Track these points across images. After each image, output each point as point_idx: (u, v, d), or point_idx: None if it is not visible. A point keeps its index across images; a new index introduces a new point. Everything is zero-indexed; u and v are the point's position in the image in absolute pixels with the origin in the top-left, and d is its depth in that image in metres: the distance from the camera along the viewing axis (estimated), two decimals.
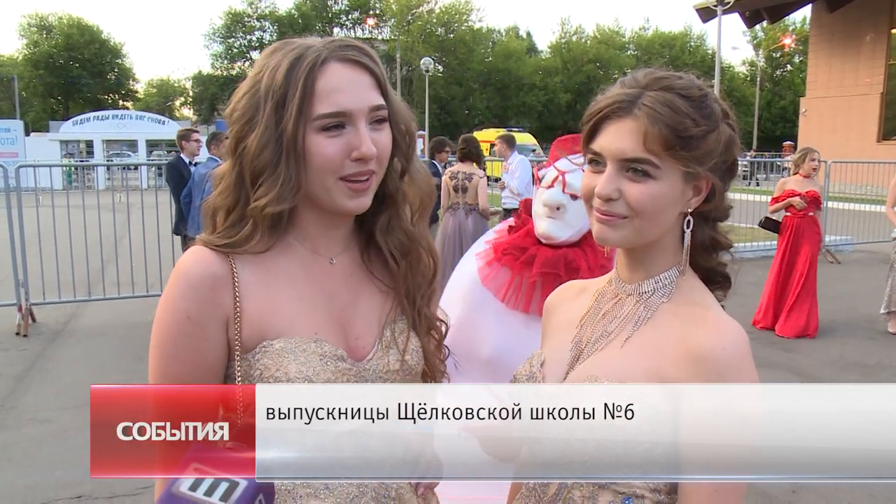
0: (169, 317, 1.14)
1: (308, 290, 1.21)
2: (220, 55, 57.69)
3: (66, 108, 54.39)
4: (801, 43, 52.14)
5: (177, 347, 1.14)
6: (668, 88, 1.12)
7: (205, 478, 0.84)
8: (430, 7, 58.05)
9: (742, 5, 24.27)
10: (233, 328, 1.15)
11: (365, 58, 1.17)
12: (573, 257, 2.05)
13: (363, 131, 1.13)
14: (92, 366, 6.10)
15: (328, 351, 1.16)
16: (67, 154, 29.80)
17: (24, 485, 3.96)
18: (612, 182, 1.13)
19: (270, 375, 1.12)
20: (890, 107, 24.44)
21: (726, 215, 1.23)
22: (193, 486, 0.83)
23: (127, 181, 11.08)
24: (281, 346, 1.14)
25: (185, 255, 1.18)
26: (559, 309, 1.38)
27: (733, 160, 1.18)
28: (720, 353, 1.09)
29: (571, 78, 59.04)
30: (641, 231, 1.15)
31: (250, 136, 1.15)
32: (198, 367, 1.14)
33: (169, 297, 1.15)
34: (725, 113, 1.17)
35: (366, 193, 1.17)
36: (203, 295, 1.13)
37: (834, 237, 12.39)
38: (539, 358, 1.30)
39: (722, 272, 1.25)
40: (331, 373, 1.15)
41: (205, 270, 1.14)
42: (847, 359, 6.31)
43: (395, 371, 1.23)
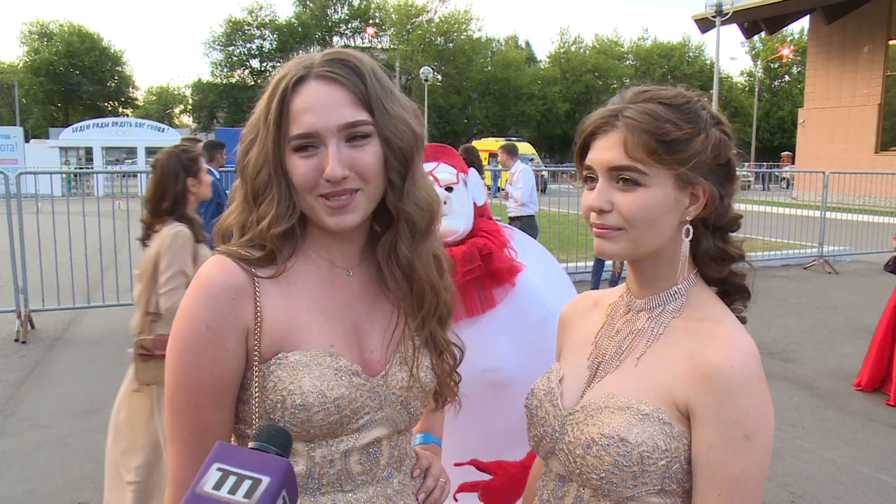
0: (189, 326, 1.12)
1: (325, 301, 1.20)
2: (220, 63, 57.71)
3: (65, 114, 54.38)
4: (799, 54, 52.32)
5: (196, 357, 1.11)
6: (649, 99, 1.15)
7: (228, 476, 0.84)
8: (429, 16, 58.18)
9: (740, 16, 24.37)
10: (252, 339, 1.13)
11: (344, 73, 1.14)
12: (481, 244, 2.02)
13: (331, 151, 1.11)
14: (91, 372, 6.10)
15: (343, 365, 1.16)
16: (66, 161, 29.80)
17: (24, 491, 3.95)
18: (603, 194, 1.15)
19: (284, 388, 1.11)
20: (888, 117, 24.51)
21: (735, 224, 1.22)
22: (217, 485, 0.83)
23: (126, 188, 11.06)
24: (296, 358, 1.13)
25: (207, 264, 1.16)
26: (575, 324, 1.38)
27: (728, 164, 1.18)
28: (727, 371, 1.08)
29: (570, 87, 59.15)
30: (638, 241, 1.15)
31: (250, 154, 1.17)
32: (215, 377, 1.12)
33: (189, 307, 1.13)
34: (716, 118, 1.18)
35: (347, 211, 1.14)
36: (225, 305, 1.12)
37: (832, 247, 12.41)
38: (558, 373, 1.30)
39: (737, 284, 1.23)
40: (345, 387, 1.14)
41: (227, 281, 1.13)
42: (845, 369, 6.32)
43: (406, 388, 1.22)
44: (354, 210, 1.15)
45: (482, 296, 2.05)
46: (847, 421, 5.15)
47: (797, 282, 10.67)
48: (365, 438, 1.18)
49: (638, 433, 1.11)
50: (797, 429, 4.97)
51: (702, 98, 1.19)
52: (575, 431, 1.18)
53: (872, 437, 4.85)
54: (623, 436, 1.11)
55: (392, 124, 1.16)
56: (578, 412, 1.19)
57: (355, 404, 1.15)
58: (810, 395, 5.68)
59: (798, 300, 9.35)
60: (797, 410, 5.33)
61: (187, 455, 1.15)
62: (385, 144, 1.16)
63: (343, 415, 1.14)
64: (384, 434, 1.21)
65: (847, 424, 5.09)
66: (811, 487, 4.10)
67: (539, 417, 1.26)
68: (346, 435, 1.17)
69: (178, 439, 1.15)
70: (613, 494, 1.13)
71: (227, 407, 1.15)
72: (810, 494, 4.01)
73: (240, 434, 1.20)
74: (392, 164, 1.17)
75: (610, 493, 1.14)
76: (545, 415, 1.25)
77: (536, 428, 1.27)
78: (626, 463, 1.10)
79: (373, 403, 1.18)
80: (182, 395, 1.13)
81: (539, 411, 1.27)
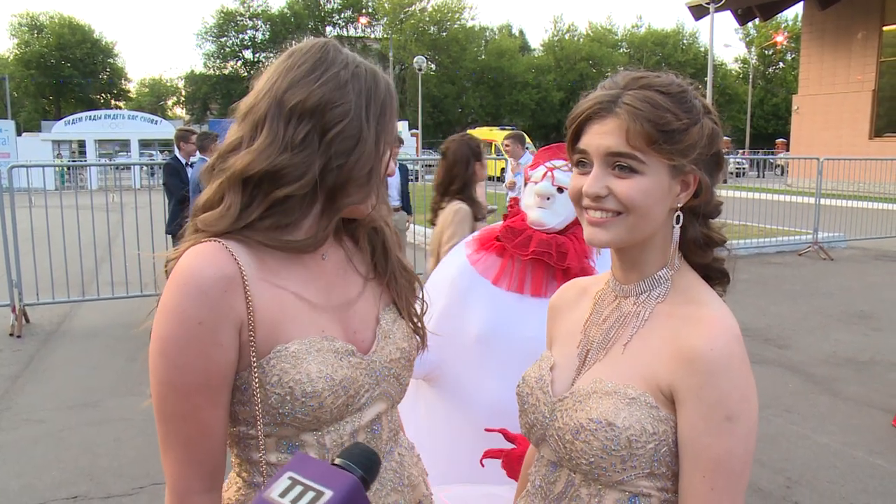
0: (177, 324, 1.06)
1: (307, 287, 1.20)
2: (213, 54, 57.50)
3: (57, 107, 54.13)
4: (793, 40, 52.32)
5: (189, 358, 1.06)
6: (646, 87, 1.14)
7: (295, 486, 0.85)
8: (422, 5, 57.97)
9: (734, 3, 24.36)
10: (246, 333, 1.10)
11: None
12: (562, 242, 2.24)
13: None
14: (86, 366, 6.09)
15: (340, 347, 1.17)
16: (59, 154, 29.66)
17: (20, 485, 3.95)
18: (599, 180, 1.14)
19: (290, 379, 1.10)
20: (881, 104, 24.54)
21: (717, 211, 1.23)
22: (283, 493, 0.85)
23: (120, 181, 11.02)
24: (296, 348, 1.12)
25: (189, 255, 1.10)
26: (563, 312, 1.39)
27: (718, 153, 1.19)
28: (708, 354, 1.09)
29: (564, 76, 59.09)
30: (634, 228, 1.15)
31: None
32: (212, 376, 1.08)
33: (175, 303, 1.07)
34: (707, 108, 1.19)
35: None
36: (216, 299, 1.07)
37: (826, 234, 12.44)
38: (549, 361, 1.31)
39: (719, 268, 1.25)
40: (346, 368, 1.16)
41: (217, 273, 1.08)
42: (840, 355, 6.34)
43: (396, 360, 1.26)
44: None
45: (549, 284, 2.23)
46: (841, 406, 5.18)
47: (792, 268, 10.70)
48: (367, 416, 1.21)
49: (625, 417, 1.11)
50: (792, 414, 4.99)
51: (693, 86, 1.20)
52: (564, 417, 1.19)
53: (867, 422, 4.87)
54: (611, 420, 1.12)
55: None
56: (567, 398, 1.20)
57: (357, 384, 1.17)
58: (805, 381, 5.70)
59: (793, 287, 9.38)
60: (792, 396, 5.35)
61: (187, 461, 1.10)
62: None
63: (349, 395, 1.16)
64: (383, 409, 1.25)
65: (841, 410, 5.11)
66: (806, 472, 4.12)
67: (530, 405, 1.27)
68: (351, 416, 1.18)
69: (175, 445, 1.10)
70: (603, 479, 1.14)
71: (224, 405, 1.11)
72: (805, 479, 4.03)
73: (241, 437, 1.17)
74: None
75: (600, 478, 1.15)
76: (536, 402, 1.26)
77: (527, 415, 1.28)
78: (615, 447, 1.11)
79: (370, 380, 1.21)
80: (175, 398, 1.08)
81: (530, 398, 1.28)
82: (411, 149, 33.03)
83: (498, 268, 2.28)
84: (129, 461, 4.23)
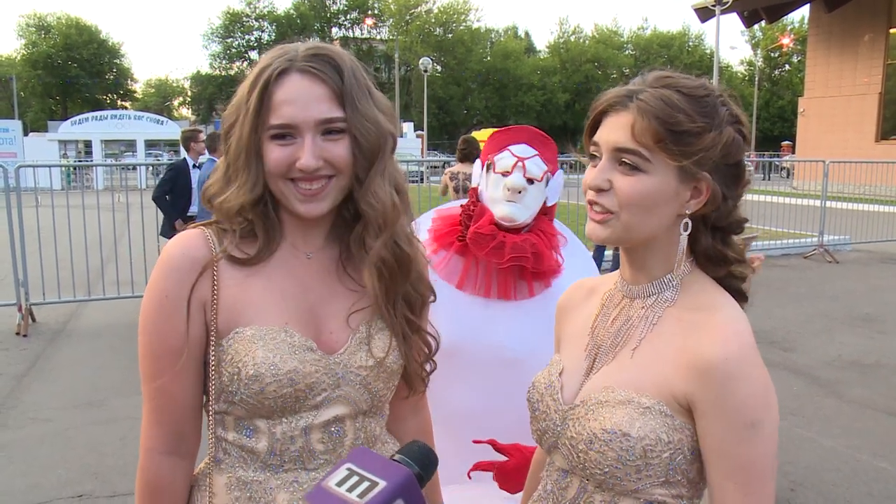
0: (151, 296, 1.20)
1: (281, 281, 1.24)
2: (219, 55, 57.69)
3: (64, 108, 54.33)
4: (799, 43, 52.18)
5: (157, 325, 1.19)
6: (668, 86, 1.12)
7: (352, 476, 0.91)
8: (428, 7, 58.04)
9: (740, 5, 24.28)
10: (210, 313, 1.20)
11: (325, 69, 1.18)
12: (535, 242, 2.11)
13: (307, 144, 1.16)
14: (92, 365, 6.11)
15: (297, 341, 1.19)
16: (65, 154, 29.73)
17: (26, 484, 3.97)
18: (603, 172, 1.14)
19: (239, 360, 1.16)
20: (888, 106, 24.45)
21: (737, 227, 1.19)
22: (340, 482, 0.90)
23: (126, 181, 11.06)
24: (252, 332, 1.18)
25: (173, 239, 1.24)
26: (571, 314, 1.37)
27: (738, 165, 1.16)
28: (722, 364, 1.07)
29: (570, 78, 59.02)
30: (629, 227, 1.14)
31: (231, 138, 1.22)
32: (174, 346, 1.19)
33: (152, 278, 1.21)
34: (736, 118, 1.15)
35: (318, 199, 1.20)
36: (182, 276, 1.19)
37: (832, 237, 12.40)
38: (558, 366, 1.29)
39: (734, 287, 1.21)
40: (298, 361, 1.18)
41: (184, 253, 1.20)
42: (845, 358, 6.33)
43: (367, 367, 1.25)
44: (325, 199, 1.20)
45: (518, 285, 2.14)
46: (846, 409, 5.16)
47: (797, 271, 10.68)
48: (324, 416, 1.21)
49: (640, 427, 1.10)
50: (797, 417, 4.98)
51: (725, 94, 1.16)
52: (576, 426, 1.17)
53: (872, 425, 4.86)
54: (625, 430, 1.10)
55: (361, 122, 1.19)
56: (579, 407, 1.19)
57: (310, 379, 1.18)
58: (810, 384, 5.69)
59: (798, 289, 9.36)
60: (797, 399, 5.34)
61: (154, 422, 1.23)
62: (353, 141, 1.20)
63: (297, 388, 1.17)
64: (345, 413, 1.24)
65: (846, 413, 5.10)
66: (811, 475, 4.11)
67: (540, 412, 1.26)
68: (306, 412, 1.20)
69: (147, 404, 1.23)
70: (618, 487, 1.13)
71: (188, 378, 1.21)
72: (810, 482, 4.03)
73: (212, 414, 1.23)
74: (358, 160, 1.21)
75: (614, 487, 1.13)
76: (546, 409, 1.25)
77: (539, 422, 1.26)
78: (630, 457, 1.10)
79: (329, 381, 1.21)
80: (146, 362, 1.21)
81: (540, 405, 1.26)
82: (416, 150, 33.02)
83: (461, 271, 2.14)
84: (134, 460, 4.20)
